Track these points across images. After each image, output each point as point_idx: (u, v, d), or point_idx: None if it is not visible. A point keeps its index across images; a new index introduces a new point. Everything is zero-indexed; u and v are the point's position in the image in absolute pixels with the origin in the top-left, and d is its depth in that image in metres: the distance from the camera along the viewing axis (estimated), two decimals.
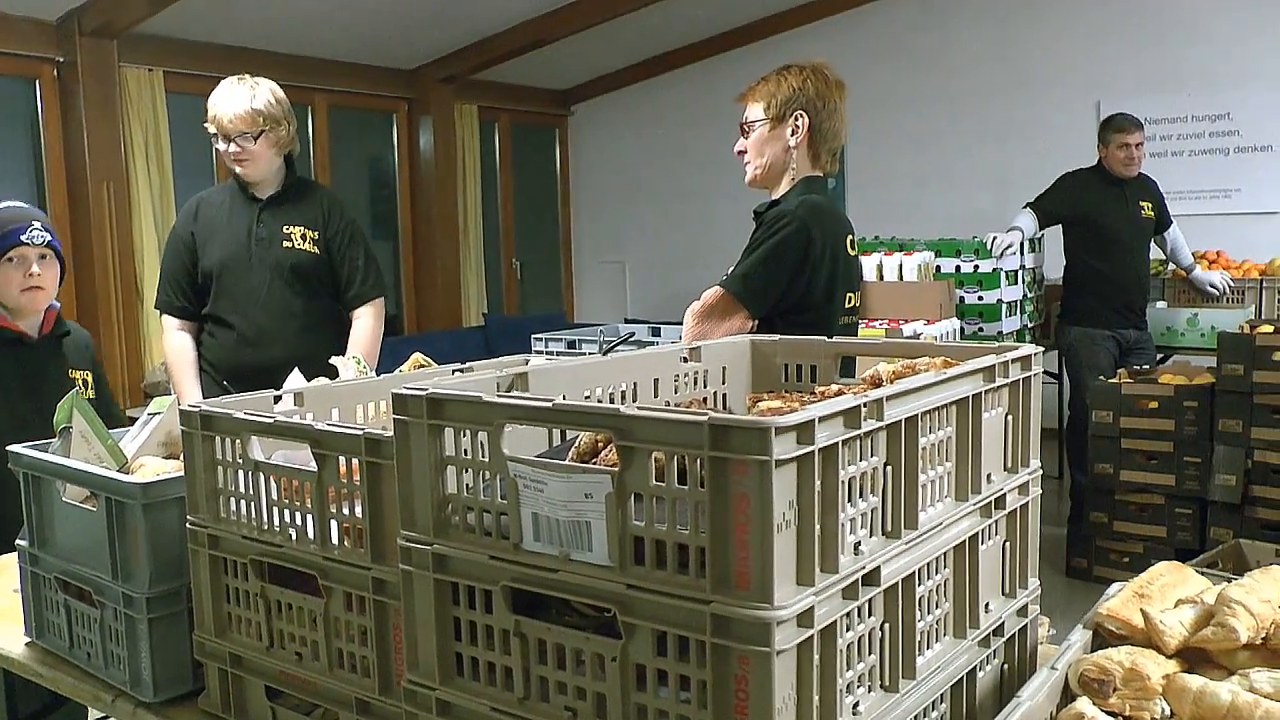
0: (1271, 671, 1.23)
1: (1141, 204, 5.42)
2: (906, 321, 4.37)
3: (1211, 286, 5.83)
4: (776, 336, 1.76)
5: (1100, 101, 7.38)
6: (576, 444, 1.29)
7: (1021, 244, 5.36)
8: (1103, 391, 4.83)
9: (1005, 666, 1.45)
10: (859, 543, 1.09)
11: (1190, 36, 7.22)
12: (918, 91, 8.17)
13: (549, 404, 1.11)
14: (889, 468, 1.13)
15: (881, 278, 4.74)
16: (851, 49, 8.21)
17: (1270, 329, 4.65)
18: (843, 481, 1.05)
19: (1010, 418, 1.42)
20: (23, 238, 2.73)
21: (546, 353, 4.12)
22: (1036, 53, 7.72)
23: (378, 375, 2.24)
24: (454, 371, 1.95)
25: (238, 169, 3.36)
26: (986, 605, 1.38)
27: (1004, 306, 5.04)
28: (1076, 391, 5.37)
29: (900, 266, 4.71)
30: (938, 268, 4.96)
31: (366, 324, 3.49)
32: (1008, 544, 1.43)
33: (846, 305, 2.62)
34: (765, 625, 0.96)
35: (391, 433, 1.28)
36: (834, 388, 1.48)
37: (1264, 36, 7.00)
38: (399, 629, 1.37)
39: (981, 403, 1.31)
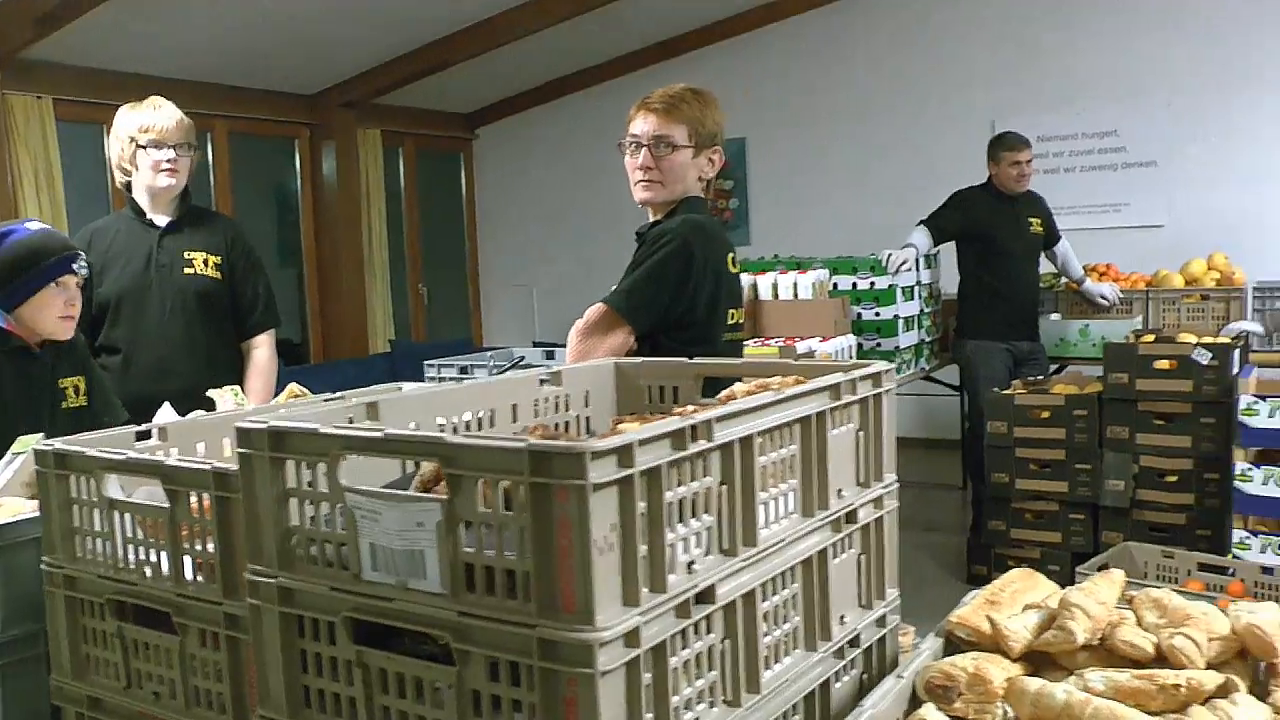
0: (1104, 671, 1.26)
1: (1030, 220, 5.56)
2: (802, 339, 4.43)
3: (1102, 298, 5.98)
4: (640, 359, 1.77)
5: (995, 120, 7.56)
6: (421, 473, 1.28)
7: (917, 259, 5.46)
8: (997, 402, 4.93)
9: (865, 676, 1.47)
10: (692, 562, 1.10)
11: (1079, 56, 7.45)
12: (818, 110, 8.31)
13: (380, 434, 1.11)
14: (724, 487, 1.15)
15: (777, 296, 4.80)
16: (752, 70, 8.35)
17: (1152, 338, 4.80)
18: (670, 503, 1.06)
19: (862, 434, 1.44)
20: (74, 266, 2.73)
21: (439, 379, 4.10)
22: (932, 72, 7.90)
23: None
24: (325, 401, 1.94)
25: (166, 180, 3.31)
26: (842, 617, 1.40)
27: (901, 322, 5.13)
28: (974, 403, 5.48)
29: (795, 284, 4.77)
30: (834, 285, 5.03)
31: (266, 353, 3.51)
32: (863, 557, 1.45)
33: (730, 321, 2.65)
34: (588, 647, 0.96)
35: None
36: (690, 408, 1.49)
37: (1148, 56, 7.25)
38: (252, 664, 1.35)
39: (827, 420, 1.33)
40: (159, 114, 3.31)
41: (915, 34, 7.95)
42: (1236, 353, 4.64)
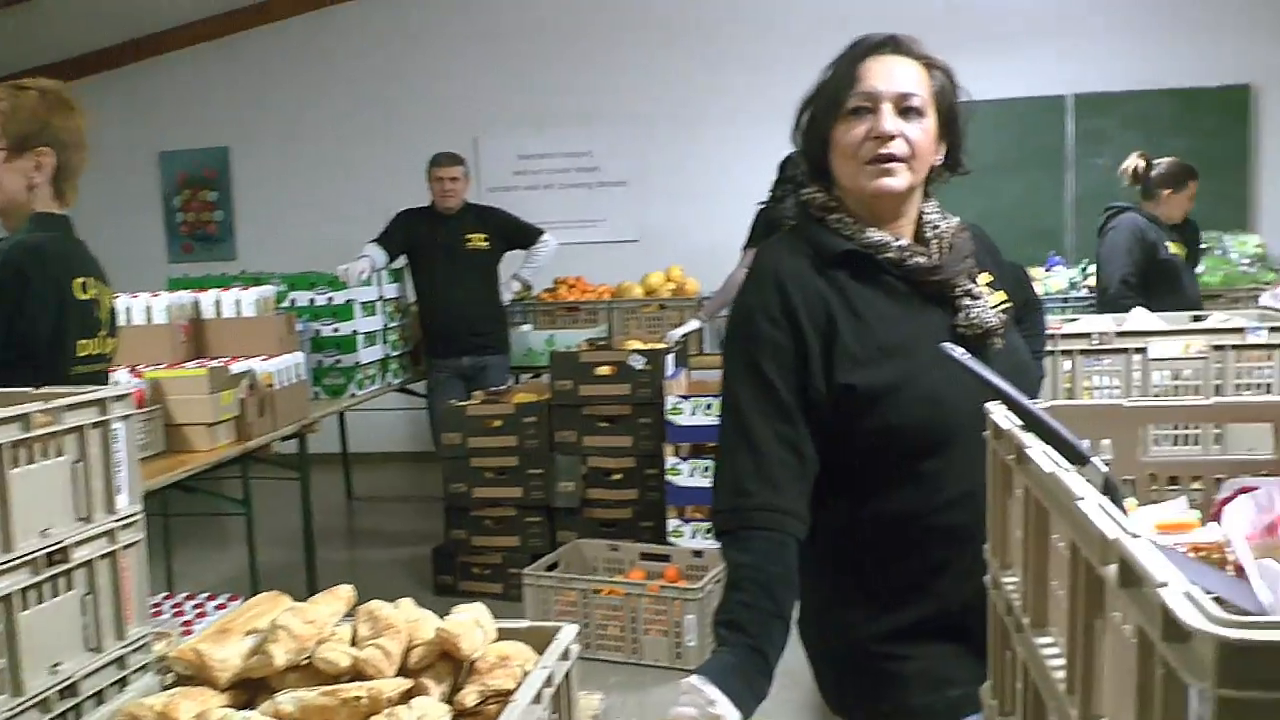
0: (297, 691, 1.28)
1: (469, 236, 5.64)
2: (247, 357, 4.27)
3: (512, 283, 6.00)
4: None
5: (478, 138, 7.81)
6: None
7: (377, 273, 5.48)
8: (449, 414, 5.06)
9: None
10: None
11: (555, 79, 7.84)
12: (304, 120, 8.16)
13: None
14: None
15: (220, 314, 4.62)
16: (236, 74, 8.02)
17: (593, 346, 5.14)
18: None
19: (82, 465, 1.37)
20: None
21: None
22: (416, 87, 8.00)
23: None
24: None
25: None
26: (56, 665, 1.32)
27: (361, 338, 5.13)
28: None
29: (239, 302, 4.61)
30: (292, 301, 4.93)
31: None
32: (89, 597, 1.38)
33: (80, 354, 2.47)
34: None
35: None
36: None
37: (618, 81, 7.77)
38: None
39: (4, 456, 1.25)
40: None
41: (401, 48, 8.01)
42: (671, 357, 5.07)
